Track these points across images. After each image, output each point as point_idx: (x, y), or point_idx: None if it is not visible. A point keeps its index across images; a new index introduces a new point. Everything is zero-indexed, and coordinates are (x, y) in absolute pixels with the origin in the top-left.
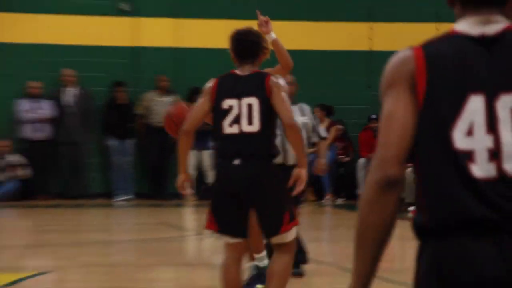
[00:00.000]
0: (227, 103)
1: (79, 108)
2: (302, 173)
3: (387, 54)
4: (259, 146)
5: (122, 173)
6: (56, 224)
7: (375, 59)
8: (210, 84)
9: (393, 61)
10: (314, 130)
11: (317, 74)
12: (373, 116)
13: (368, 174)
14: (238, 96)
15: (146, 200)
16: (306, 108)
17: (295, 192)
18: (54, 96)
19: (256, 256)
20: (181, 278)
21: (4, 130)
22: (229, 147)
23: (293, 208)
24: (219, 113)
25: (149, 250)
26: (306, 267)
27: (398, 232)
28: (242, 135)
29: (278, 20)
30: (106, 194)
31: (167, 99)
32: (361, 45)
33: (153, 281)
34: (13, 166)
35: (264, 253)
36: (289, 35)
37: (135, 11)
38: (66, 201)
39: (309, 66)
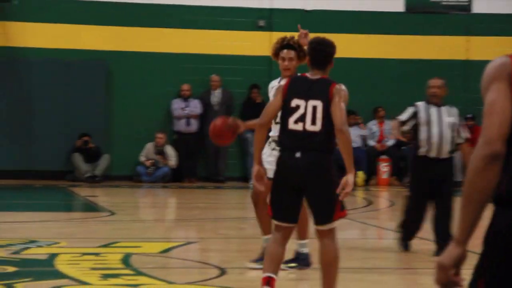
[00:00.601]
0: (295, 102)
1: (223, 106)
2: (349, 179)
3: (482, 63)
4: (319, 142)
5: None
6: (200, 202)
7: (471, 67)
8: (282, 83)
9: (492, 65)
10: (458, 131)
11: (423, 80)
12: (469, 116)
13: (475, 151)
14: (306, 97)
15: None
16: (454, 110)
17: (342, 197)
18: (202, 96)
19: (299, 242)
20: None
21: (162, 125)
22: (292, 142)
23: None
24: (287, 110)
25: None
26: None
27: None
28: (305, 132)
29: (393, 34)
30: (242, 178)
31: None
32: (459, 55)
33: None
34: (166, 154)
35: (307, 240)
36: (399, 45)
37: (269, 27)
38: (209, 183)
39: (416, 73)
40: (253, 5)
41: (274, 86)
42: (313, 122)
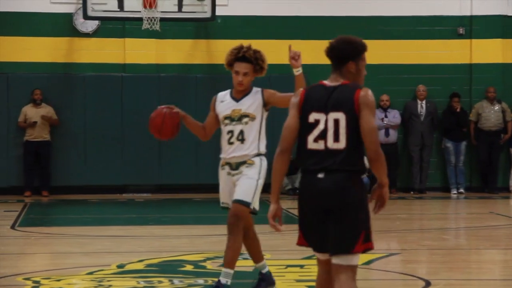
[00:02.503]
0: (313, 117)
1: (428, 117)
2: (384, 192)
3: None
4: (344, 161)
5: (457, 170)
6: (401, 213)
7: None
8: (297, 97)
9: None
10: None
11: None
12: None
13: None
14: (326, 110)
15: (477, 193)
16: None
17: (376, 212)
18: (406, 106)
19: (257, 265)
20: (509, 261)
21: None
22: (313, 163)
23: (370, 230)
24: (305, 127)
25: (480, 236)
26: None
27: None
28: (327, 151)
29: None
30: (443, 188)
31: (495, 107)
32: None
33: (483, 263)
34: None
35: (264, 261)
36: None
37: (469, 34)
38: (409, 194)
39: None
40: (454, 12)
41: (224, 101)
42: (336, 139)
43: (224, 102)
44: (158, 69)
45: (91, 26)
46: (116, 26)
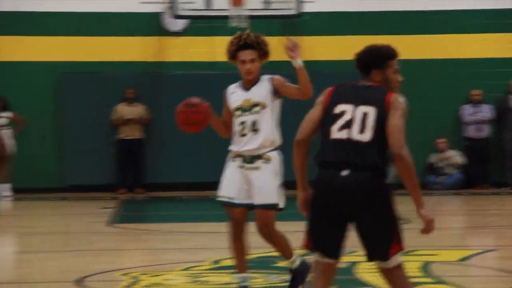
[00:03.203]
0: (340, 108)
1: None
2: (427, 215)
3: None
4: (369, 157)
5: None
6: (495, 209)
7: None
8: (325, 91)
9: None
10: None
11: None
12: None
13: None
14: (356, 102)
15: None
16: None
17: (425, 234)
18: (498, 101)
19: (290, 260)
20: None
21: (447, 130)
22: (335, 155)
23: (401, 232)
24: (329, 118)
25: None
26: None
27: None
28: (351, 142)
29: None
30: None
31: None
32: None
33: None
34: (453, 160)
35: (295, 255)
36: None
37: None
38: (502, 189)
39: None
40: None
41: (234, 92)
42: (362, 130)
43: (234, 94)
44: None
45: (180, 25)
46: (204, 25)
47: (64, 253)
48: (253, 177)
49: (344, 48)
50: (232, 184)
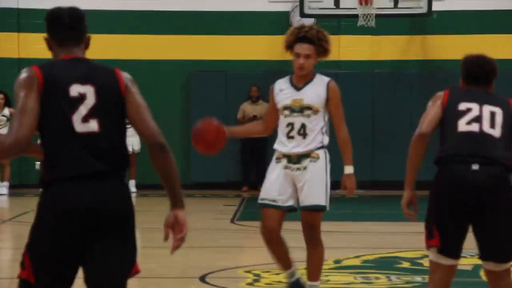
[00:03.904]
0: (465, 105)
1: None
2: None
3: None
4: (501, 152)
5: None
6: None
7: None
8: (442, 92)
9: None
10: None
11: None
12: None
13: None
14: (480, 102)
15: None
16: None
17: None
18: None
19: (313, 284)
20: None
21: None
22: (464, 147)
23: None
24: (455, 113)
25: None
26: None
27: None
28: (482, 135)
29: None
30: None
31: None
32: None
33: None
34: None
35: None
36: None
37: None
38: None
39: None
40: None
41: (284, 89)
42: (492, 125)
43: (283, 91)
44: (372, 65)
45: (307, 23)
46: (331, 23)
47: (188, 249)
48: (301, 179)
49: (473, 47)
50: (273, 186)
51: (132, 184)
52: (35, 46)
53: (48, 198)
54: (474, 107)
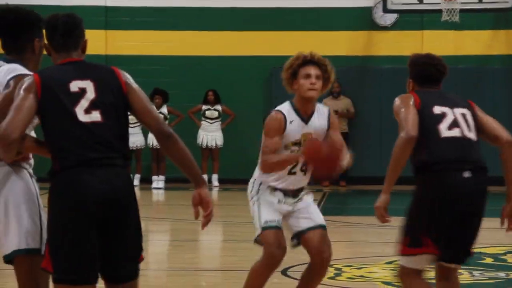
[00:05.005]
0: (439, 109)
1: None
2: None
3: None
4: (480, 155)
5: None
6: None
7: None
8: (408, 93)
9: None
10: None
11: None
12: None
13: None
14: (450, 105)
15: None
16: None
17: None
18: None
19: None
20: None
21: None
22: (452, 153)
23: None
24: (431, 118)
25: None
26: None
27: None
28: (465, 140)
29: None
30: None
31: None
32: None
33: None
34: None
35: None
36: None
37: None
38: None
39: None
40: None
41: (294, 120)
42: (469, 129)
43: (293, 123)
44: (456, 60)
45: (389, 19)
46: (414, 19)
47: None
48: (294, 209)
49: None
50: (270, 210)
51: (215, 178)
52: (121, 43)
53: (61, 189)
54: (447, 110)
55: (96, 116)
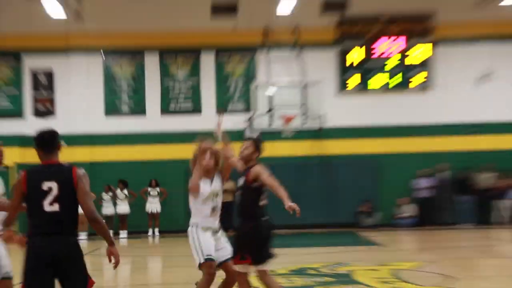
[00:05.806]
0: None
1: None
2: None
3: None
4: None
5: None
6: None
7: None
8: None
9: None
10: None
11: None
12: None
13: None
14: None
15: None
16: None
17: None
18: None
19: None
20: None
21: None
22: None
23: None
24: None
25: None
26: None
27: None
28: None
29: None
30: None
31: None
32: None
33: None
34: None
35: None
36: None
37: None
38: None
39: None
40: None
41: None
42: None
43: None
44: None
45: None
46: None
47: None
48: (221, 242)
49: None
50: (211, 246)
51: (156, 231)
52: (103, 156)
53: (30, 247)
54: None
55: (56, 207)
